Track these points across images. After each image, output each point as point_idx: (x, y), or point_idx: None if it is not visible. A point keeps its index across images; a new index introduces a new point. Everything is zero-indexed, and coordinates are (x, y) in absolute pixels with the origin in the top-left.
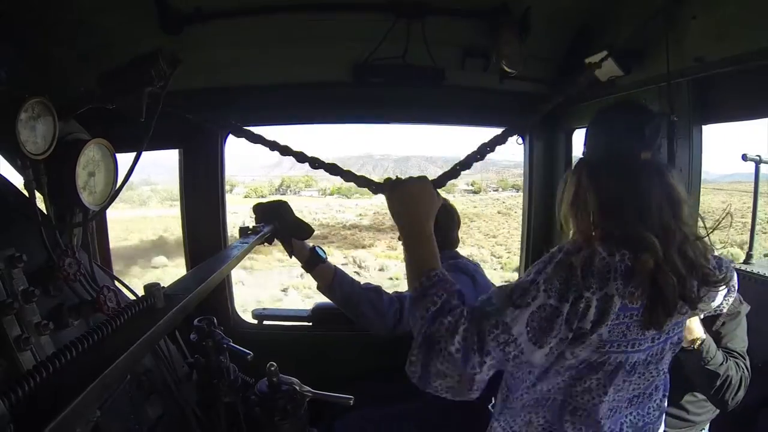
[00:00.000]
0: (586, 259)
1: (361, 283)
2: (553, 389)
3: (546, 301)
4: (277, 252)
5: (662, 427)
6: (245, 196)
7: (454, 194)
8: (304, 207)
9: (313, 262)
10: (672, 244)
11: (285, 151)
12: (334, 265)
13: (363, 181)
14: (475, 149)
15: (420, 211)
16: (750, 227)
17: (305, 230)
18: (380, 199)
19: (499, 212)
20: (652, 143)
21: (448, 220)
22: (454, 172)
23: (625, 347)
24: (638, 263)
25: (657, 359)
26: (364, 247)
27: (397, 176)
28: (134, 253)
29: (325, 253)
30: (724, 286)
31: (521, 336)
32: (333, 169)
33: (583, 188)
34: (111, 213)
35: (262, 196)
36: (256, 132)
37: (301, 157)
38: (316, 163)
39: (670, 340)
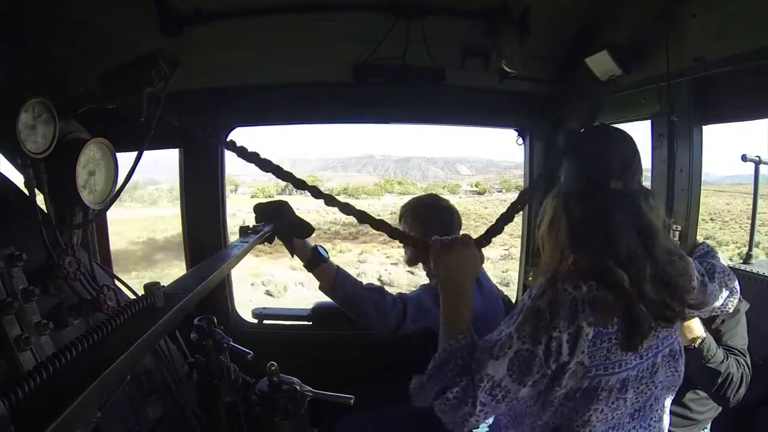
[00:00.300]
0: (551, 300)
1: (364, 283)
2: (557, 418)
3: (521, 347)
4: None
5: (666, 428)
6: (252, 196)
7: (460, 195)
8: (312, 207)
9: (315, 262)
10: (641, 272)
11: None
12: (336, 265)
13: (408, 239)
14: (516, 200)
15: (463, 278)
16: (750, 228)
17: (306, 229)
18: (391, 200)
19: None
20: (625, 172)
21: (450, 223)
22: (497, 228)
23: (612, 369)
24: (603, 292)
25: (650, 373)
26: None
27: (442, 236)
28: (168, 247)
29: (327, 252)
30: (700, 306)
31: (504, 380)
32: (379, 224)
33: (557, 216)
34: (126, 213)
35: (270, 196)
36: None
37: (333, 203)
38: (351, 213)
39: (661, 353)
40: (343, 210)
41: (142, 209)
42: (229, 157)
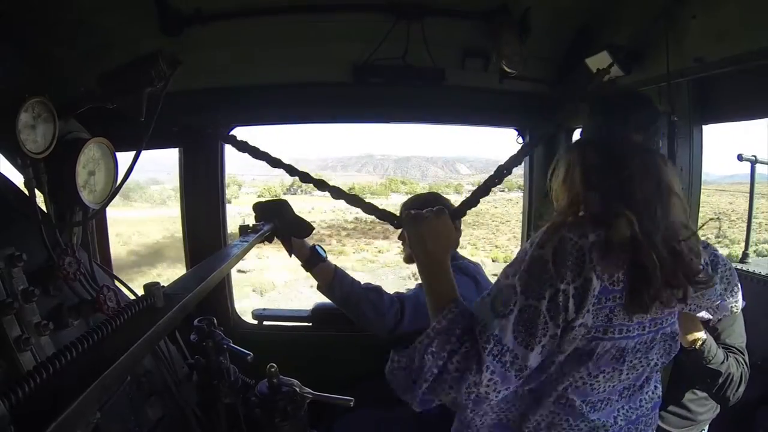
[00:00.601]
0: (555, 248)
1: (362, 283)
2: (547, 383)
3: (525, 303)
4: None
5: (656, 421)
6: (258, 195)
7: (465, 194)
8: (317, 205)
9: (313, 261)
10: (655, 225)
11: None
12: (335, 265)
13: (382, 215)
14: (493, 173)
15: (438, 248)
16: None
17: (305, 228)
18: (398, 199)
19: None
20: (645, 129)
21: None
22: (473, 201)
23: (612, 333)
24: (612, 232)
25: (646, 348)
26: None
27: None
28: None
29: (325, 252)
30: (707, 285)
31: (511, 342)
32: (353, 199)
33: (572, 166)
34: (137, 213)
35: (275, 195)
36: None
37: (320, 185)
38: (336, 194)
39: (662, 330)
40: (334, 194)
41: (151, 209)
42: (229, 156)
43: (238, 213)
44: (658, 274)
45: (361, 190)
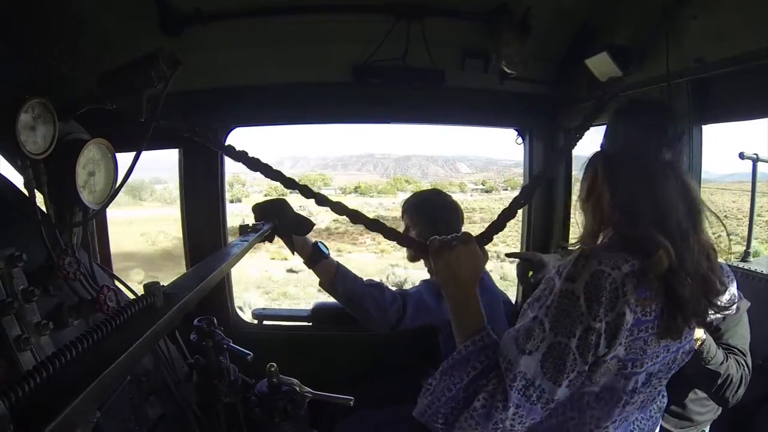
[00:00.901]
0: (587, 283)
1: (364, 279)
2: (569, 411)
3: (554, 340)
4: None
5: (659, 423)
6: (265, 195)
7: (470, 193)
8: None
9: (316, 258)
10: (689, 252)
11: (324, 203)
12: (337, 261)
13: (406, 241)
14: (518, 195)
15: (468, 276)
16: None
17: (305, 225)
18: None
19: None
20: (674, 145)
21: (453, 218)
22: (499, 225)
23: (647, 363)
24: (650, 263)
25: (668, 369)
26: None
27: (441, 235)
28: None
29: (327, 248)
30: (729, 308)
31: (538, 378)
32: (373, 224)
33: (599, 183)
34: (149, 212)
35: (282, 194)
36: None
37: (340, 210)
38: (356, 218)
39: (682, 349)
40: (335, 210)
41: (162, 207)
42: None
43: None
44: (692, 299)
45: (368, 189)
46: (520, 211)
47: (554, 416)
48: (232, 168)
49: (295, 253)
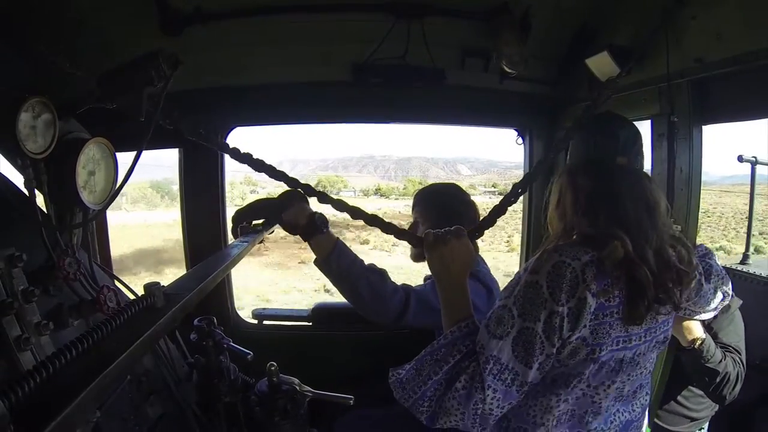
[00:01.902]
0: (549, 273)
1: (366, 263)
2: (551, 397)
3: (523, 325)
4: None
5: (644, 423)
6: (269, 194)
7: (480, 194)
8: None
9: (311, 231)
10: (646, 241)
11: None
12: (337, 237)
13: (401, 234)
14: (509, 192)
15: (459, 269)
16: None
17: (286, 197)
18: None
19: None
20: (628, 150)
21: (470, 213)
22: (490, 221)
23: (611, 347)
24: (606, 252)
25: (643, 358)
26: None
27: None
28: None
29: (326, 222)
30: (696, 290)
31: (510, 362)
32: (372, 219)
33: (563, 192)
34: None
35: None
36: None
37: (340, 207)
38: (355, 214)
39: (656, 338)
40: (336, 207)
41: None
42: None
43: None
44: (651, 288)
45: (390, 191)
46: (520, 210)
47: (530, 399)
48: (243, 168)
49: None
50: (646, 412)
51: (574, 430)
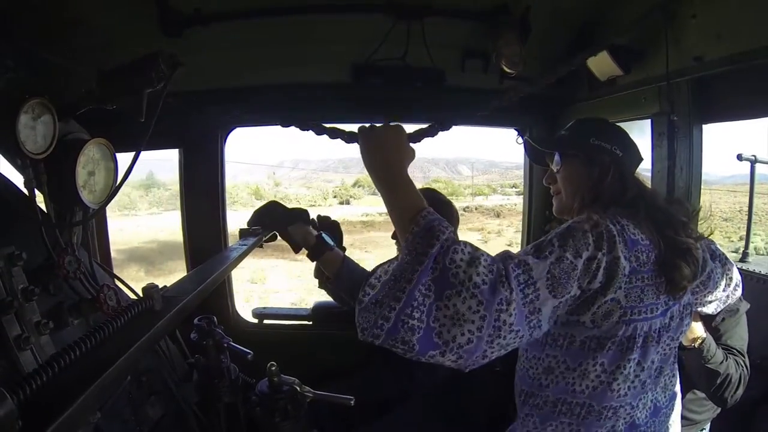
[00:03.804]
0: (594, 225)
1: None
2: (583, 365)
3: (562, 254)
4: None
5: (676, 421)
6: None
7: (508, 197)
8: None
9: (319, 250)
10: (671, 219)
11: None
12: (344, 254)
13: (334, 133)
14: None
15: (396, 156)
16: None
17: (296, 215)
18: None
19: None
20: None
21: (448, 214)
22: (431, 130)
23: (645, 313)
24: (635, 237)
25: (676, 324)
26: None
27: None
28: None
29: (333, 241)
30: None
31: (540, 281)
32: (321, 129)
33: (598, 172)
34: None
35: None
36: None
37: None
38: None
39: (682, 301)
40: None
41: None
42: (230, 157)
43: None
44: (684, 258)
45: None
46: (520, 209)
47: (566, 369)
48: (264, 169)
49: (298, 248)
50: (677, 407)
51: (604, 396)
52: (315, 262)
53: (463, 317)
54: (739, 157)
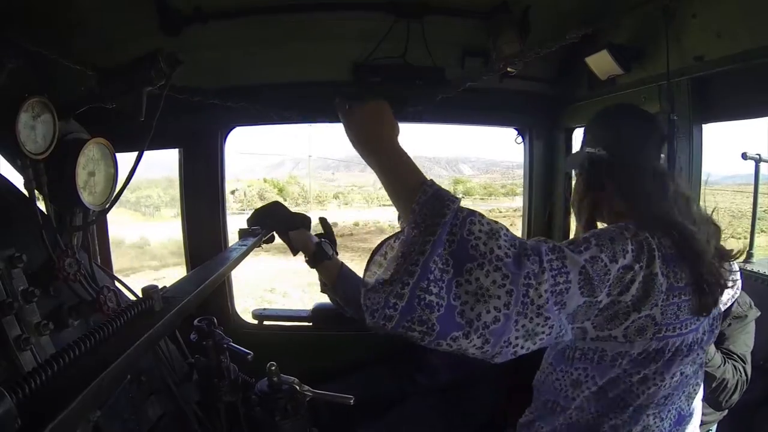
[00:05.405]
0: (634, 233)
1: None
2: (620, 386)
3: (598, 254)
4: None
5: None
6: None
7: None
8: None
9: (319, 258)
10: (704, 231)
11: None
12: (342, 262)
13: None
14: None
15: (386, 129)
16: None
17: (298, 220)
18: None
19: None
20: (659, 147)
21: None
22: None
23: (680, 329)
24: (684, 247)
25: (708, 337)
26: None
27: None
28: None
29: (332, 249)
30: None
31: (572, 273)
32: None
33: (602, 182)
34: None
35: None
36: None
37: None
38: None
39: (702, 327)
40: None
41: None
42: (230, 157)
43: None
44: (715, 281)
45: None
46: (520, 209)
47: (585, 382)
48: (283, 169)
49: (297, 251)
50: (697, 414)
51: (631, 407)
52: None
53: (487, 292)
54: (744, 156)
